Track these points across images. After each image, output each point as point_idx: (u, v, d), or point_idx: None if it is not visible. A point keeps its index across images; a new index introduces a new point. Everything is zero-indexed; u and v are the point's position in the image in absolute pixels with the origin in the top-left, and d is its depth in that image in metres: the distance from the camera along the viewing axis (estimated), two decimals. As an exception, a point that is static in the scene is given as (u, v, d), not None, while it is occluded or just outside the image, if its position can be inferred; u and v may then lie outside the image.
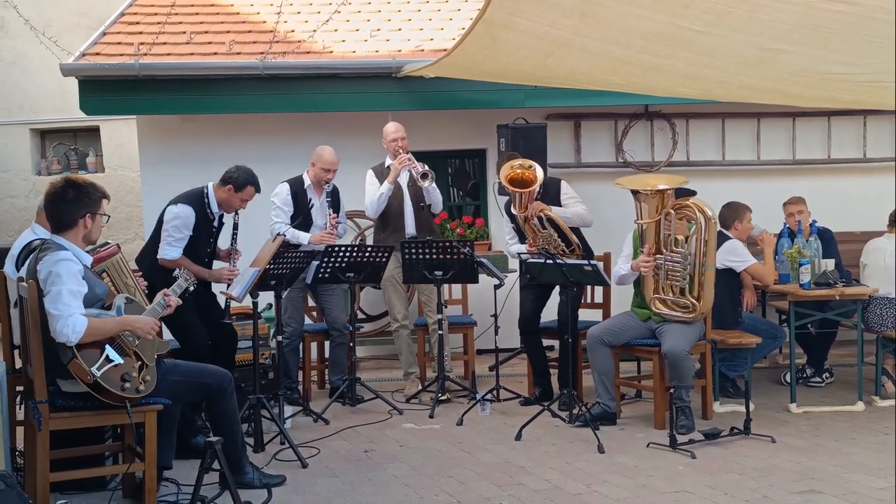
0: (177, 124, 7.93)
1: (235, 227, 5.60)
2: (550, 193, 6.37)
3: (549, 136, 7.55)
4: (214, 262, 5.73)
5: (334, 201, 6.46)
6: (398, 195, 6.70)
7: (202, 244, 5.31)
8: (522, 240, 6.42)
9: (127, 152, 9.89)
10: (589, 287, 6.60)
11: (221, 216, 5.67)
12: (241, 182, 5.53)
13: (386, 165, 6.82)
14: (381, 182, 6.69)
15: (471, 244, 6.40)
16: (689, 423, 5.61)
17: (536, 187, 6.24)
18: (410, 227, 6.69)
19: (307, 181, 6.57)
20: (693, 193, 6.69)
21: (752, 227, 6.57)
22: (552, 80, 6.24)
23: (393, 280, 6.68)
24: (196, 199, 5.52)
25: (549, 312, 6.53)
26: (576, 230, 6.34)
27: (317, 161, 6.50)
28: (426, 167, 6.63)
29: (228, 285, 5.53)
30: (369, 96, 7.55)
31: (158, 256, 5.32)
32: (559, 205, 6.35)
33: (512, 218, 6.46)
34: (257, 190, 5.63)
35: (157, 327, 4.21)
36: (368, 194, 6.72)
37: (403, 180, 6.71)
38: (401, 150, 6.68)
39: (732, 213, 6.49)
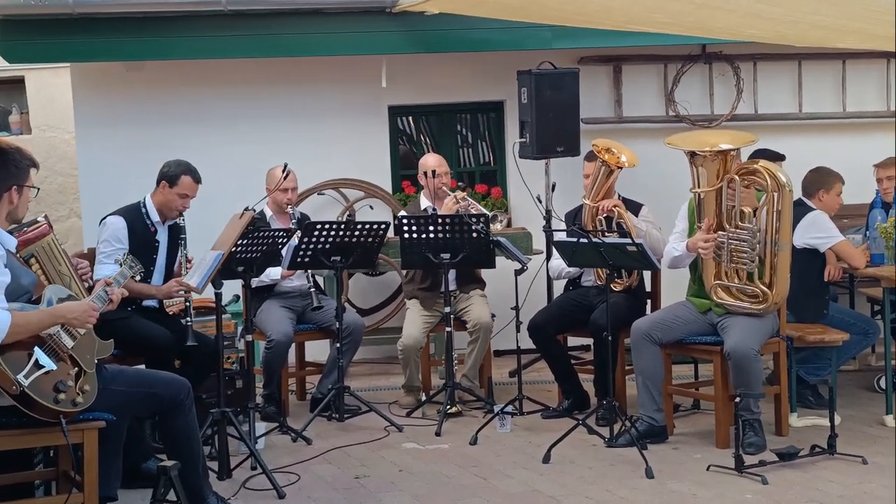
0: (121, 74, 7.91)
1: (182, 231, 5.76)
2: (629, 209, 6.47)
3: (582, 85, 7.51)
4: None
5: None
6: None
7: (143, 260, 5.34)
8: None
9: (59, 109, 9.85)
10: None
11: (174, 227, 5.82)
12: (174, 174, 5.73)
13: (423, 207, 6.89)
14: None
15: (486, 219, 6.38)
16: (758, 441, 5.61)
17: (617, 172, 6.39)
18: (452, 282, 6.69)
19: (269, 212, 6.73)
20: (781, 158, 6.66)
21: (840, 203, 6.56)
22: (583, 19, 6.21)
23: (416, 300, 6.82)
24: (130, 209, 5.78)
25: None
26: None
27: (270, 183, 6.63)
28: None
29: (188, 307, 5.65)
30: (359, 37, 7.51)
31: (94, 278, 5.35)
32: None
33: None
34: (196, 180, 5.76)
35: (95, 313, 4.21)
36: None
37: None
38: (444, 188, 6.78)
39: (818, 180, 6.47)
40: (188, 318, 5.67)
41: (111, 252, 5.60)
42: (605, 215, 6.43)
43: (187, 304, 5.69)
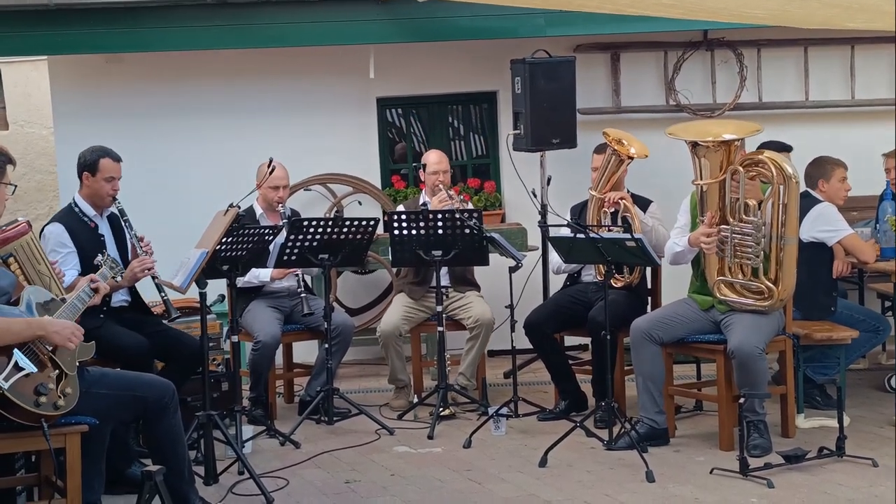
0: (100, 66, 7.94)
1: (122, 213, 5.76)
2: (637, 206, 6.53)
3: (578, 74, 7.56)
4: None
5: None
6: None
7: (95, 257, 5.39)
8: None
9: (36, 103, 9.88)
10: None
11: (112, 217, 5.83)
12: (91, 161, 5.73)
13: (421, 203, 6.99)
14: None
15: (479, 214, 6.45)
16: (764, 443, 5.65)
17: (627, 164, 6.45)
18: (444, 277, 6.70)
19: (258, 209, 6.78)
20: (789, 149, 6.68)
21: (847, 189, 6.60)
22: (580, 3, 6.24)
23: (405, 292, 6.92)
24: (63, 213, 5.82)
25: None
26: None
27: (259, 178, 6.66)
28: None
29: (159, 286, 5.61)
30: (345, 26, 7.56)
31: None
32: None
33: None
34: (115, 160, 5.77)
35: (79, 335, 4.27)
36: None
37: None
38: (441, 186, 6.85)
39: (816, 171, 6.50)
40: (163, 294, 5.60)
41: (62, 260, 5.55)
42: (611, 209, 6.47)
43: (156, 281, 5.63)
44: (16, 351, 4.08)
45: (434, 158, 7.00)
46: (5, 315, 4.13)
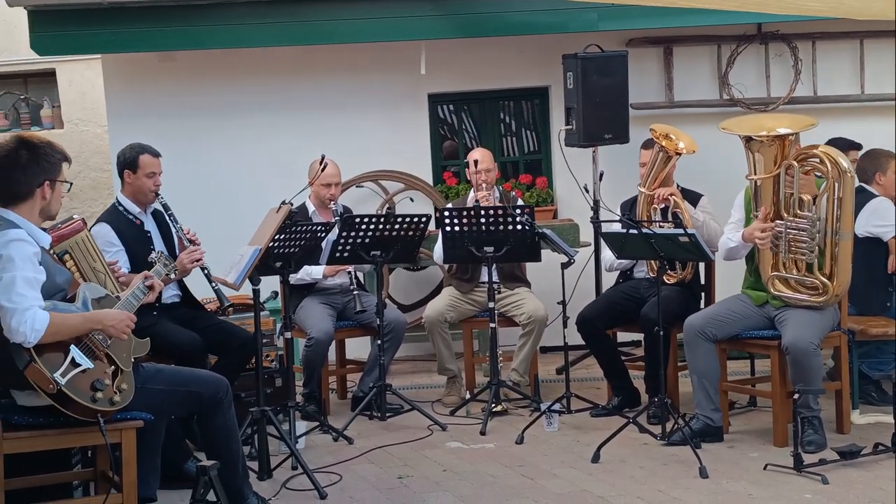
0: (153, 65, 8.05)
1: (167, 208, 5.82)
2: (687, 200, 6.50)
3: (630, 68, 7.56)
4: None
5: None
6: None
7: (143, 254, 5.51)
8: None
9: (91, 102, 10.02)
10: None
11: (156, 213, 5.90)
12: (131, 159, 5.81)
13: (469, 200, 7.03)
14: None
15: (530, 210, 6.45)
16: (818, 439, 5.63)
17: (675, 160, 6.42)
18: (493, 273, 6.68)
19: (311, 206, 6.85)
20: (858, 147, 6.63)
21: None
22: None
23: (453, 286, 6.95)
24: (108, 213, 5.90)
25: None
26: None
27: (311, 176, 6.70)
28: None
29: (208, 276, 5.65)
30: (396, 22, 7.60)
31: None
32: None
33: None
34: (154, 155, 5.83)
35: (132, 324, 4.33)
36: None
37: None
38: (484, 185, 6.87)
39: (872, 164, 6.47)
40: (214, 284, 5.66)
41: (111, 259, 5.57)
42: (661, 205, 6.46)
43: (205, 271, 5.70)
44: (73, 347, 4.14)
45: (477, 157, 7.01)
46: (62, 311, 4.18)
